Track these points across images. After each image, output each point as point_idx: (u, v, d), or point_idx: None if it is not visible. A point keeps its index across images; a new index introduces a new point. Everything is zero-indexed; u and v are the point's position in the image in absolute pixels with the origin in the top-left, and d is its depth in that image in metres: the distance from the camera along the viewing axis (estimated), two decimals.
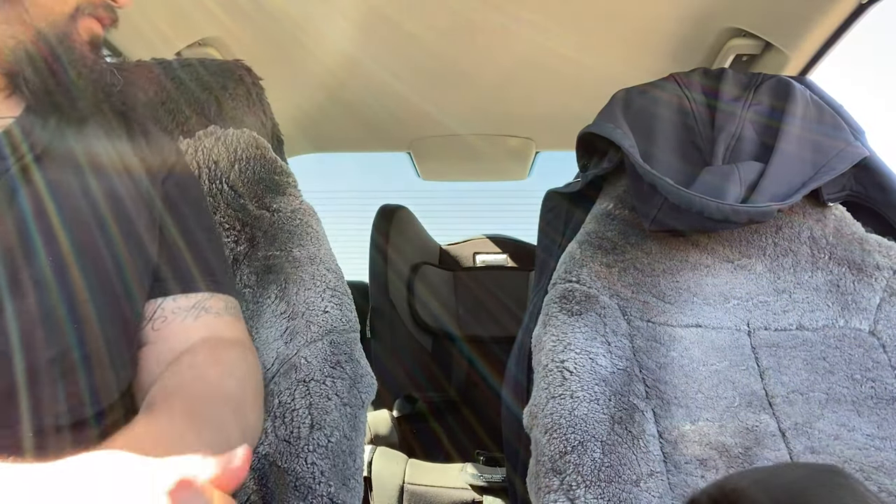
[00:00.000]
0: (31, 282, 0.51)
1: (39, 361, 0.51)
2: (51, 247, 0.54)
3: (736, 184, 0.82)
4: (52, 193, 0.56)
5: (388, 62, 1.51)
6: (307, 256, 0.78)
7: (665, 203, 0.81)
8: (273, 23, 1.30)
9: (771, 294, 0.87)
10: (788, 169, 0.84)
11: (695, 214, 0.78)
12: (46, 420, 0.51)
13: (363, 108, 1.77)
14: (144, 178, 0.65)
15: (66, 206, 0.56)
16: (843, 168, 0.85)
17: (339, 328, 0.74)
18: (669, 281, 0.87)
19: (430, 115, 1.82)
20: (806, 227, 0.89)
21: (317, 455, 0.64)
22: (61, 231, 0.55)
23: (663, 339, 0.83)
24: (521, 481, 0.80)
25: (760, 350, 0.84)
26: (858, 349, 0.84)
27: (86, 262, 0.55)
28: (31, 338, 0.50)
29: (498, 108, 1.81)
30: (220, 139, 0.81)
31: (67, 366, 0.52)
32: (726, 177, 0.83)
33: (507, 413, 0.89)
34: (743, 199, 0.81)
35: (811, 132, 0.87)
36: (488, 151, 2.07)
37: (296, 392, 0.68)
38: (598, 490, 0.68)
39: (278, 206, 0.82)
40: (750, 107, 0.92)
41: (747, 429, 0.78)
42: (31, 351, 0.50)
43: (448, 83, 1.64)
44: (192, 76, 0.85)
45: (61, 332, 0.52)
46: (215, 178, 0.80)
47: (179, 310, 0.62)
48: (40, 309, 0.51)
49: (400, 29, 1.35)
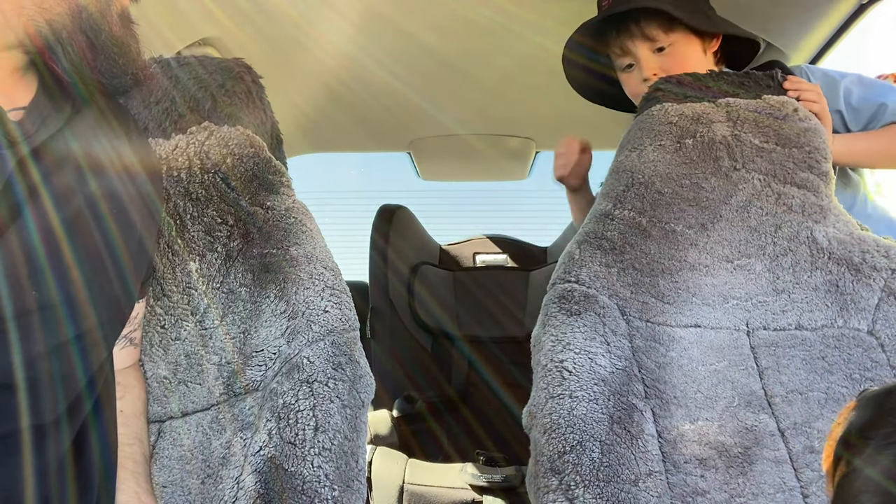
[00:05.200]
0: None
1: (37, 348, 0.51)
2: (46, 234, 0.54)
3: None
4: (50, 189, 0.56)
5: (388, 62, 1.51)
6: (304, 255, 0.78)
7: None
8: (273, 23, 1.30)
9: (770, 294, 0.87)
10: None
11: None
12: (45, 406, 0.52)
13: (363, 108, 1.78)
14: (143, 175, 0.66)
15: (64, 206, 0.57)
16: None
17: (339, 328, 0.74)
18: (668, 281, 0.87)
19: (430, 115, 1.82)
20: (805, 226, 0.89)
21: (322, 458, 0.64)
22: (61, 232, 0.55)
23: (662, 339, 0.83)
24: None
25: (759, 350, 0.84)
26: (857, 349, 0.84)
27: (81, 250, 0.56)
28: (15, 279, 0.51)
29: (498, 108, 1.81)
30: (214, 133, 0.81)
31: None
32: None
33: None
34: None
35: None
36: (488, 151, 2.07)
37: (299, 393, 0.68)
38: (596, 490, 0.68)
39: (272, 203, 0.82)
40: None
41: (746, 428, 0.78)
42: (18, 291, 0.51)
43: (448, 83, 1.64)
44: (190, 74, 0.85)
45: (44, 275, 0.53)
46: (207, 169, 0.80)
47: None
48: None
49: (400, 29, 1.36)
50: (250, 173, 0.82)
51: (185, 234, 0.79)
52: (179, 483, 0.71)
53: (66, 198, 0.57)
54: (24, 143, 0.55)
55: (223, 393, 0.75)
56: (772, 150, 0.91)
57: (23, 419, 0.52)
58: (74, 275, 0.55)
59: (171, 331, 0.78)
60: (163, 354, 0.78)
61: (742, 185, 0.90)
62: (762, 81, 0.98)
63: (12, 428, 0.51)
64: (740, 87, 0.97)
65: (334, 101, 1.73)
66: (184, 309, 0.78)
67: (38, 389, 0.53)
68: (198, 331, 0.77)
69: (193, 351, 0.77)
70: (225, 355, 0.76)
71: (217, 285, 0.78)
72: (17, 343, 0.50)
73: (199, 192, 0.80)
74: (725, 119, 0.92)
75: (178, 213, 0.80)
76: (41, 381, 0.53)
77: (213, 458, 0.71)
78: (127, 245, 0.62)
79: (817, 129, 0.92)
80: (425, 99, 1.72)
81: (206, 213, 0.80)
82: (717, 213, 0.89)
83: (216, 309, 0.77)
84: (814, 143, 0.92)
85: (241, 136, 0.83)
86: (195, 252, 0.79)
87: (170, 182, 0.80)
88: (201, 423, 0.74)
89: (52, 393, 0.54)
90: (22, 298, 0.51)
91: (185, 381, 0.76)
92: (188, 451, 0.73)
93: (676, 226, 0.89)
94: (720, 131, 0.92)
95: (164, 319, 0.78)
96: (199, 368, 0.76)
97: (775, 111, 0.93)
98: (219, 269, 0.79)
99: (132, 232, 0.64)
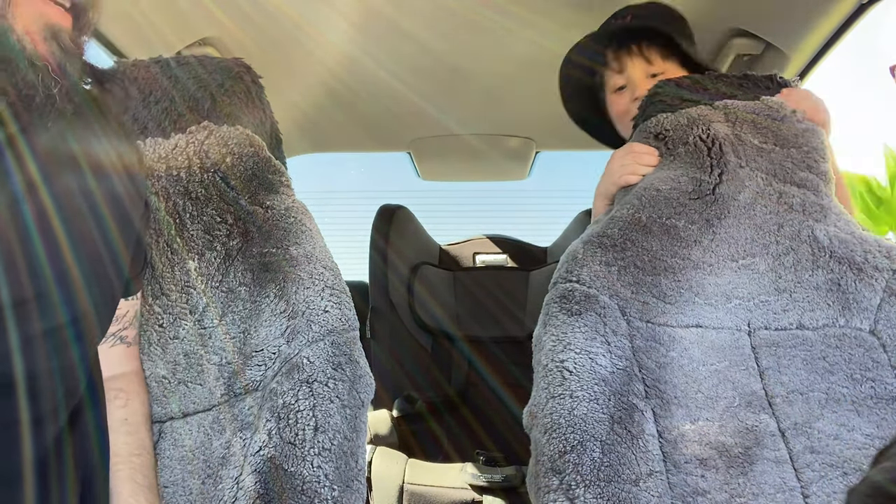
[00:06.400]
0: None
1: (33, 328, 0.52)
2: (41, 221, 0.54)
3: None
4: (40, 169, 0.56)
5: (388, 62, 1.51)
6: (304, 254, 0.78)
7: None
8: (273, 23, 1.30)
9: (772, 293, 0.87)
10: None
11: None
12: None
13: (363, 108, 1.78)
14: (134, 169, 0.66)
15: (55, 182, 0.57)
16: None
17: (339, 328, 0.74)
18: (671, 280, 0.87)
19: (430, 115, 1.82)
20: (806, 225, 0.89)
21: (321, 458, 0.64)
22: (52, 208, 0.56)
23: (663, 340, 0.83)
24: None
25: (760, 350, 0.84)
26: (858, 349, 0.84)
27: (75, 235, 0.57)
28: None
29: (498, 108, 1.81)
30: (213, 133, 0.82)
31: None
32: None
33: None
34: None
35: None
36: (488, 151, 2.07)
37: (299, 393, 0.68)
38: (597, 490, 0.68)
39: (272, 203, 0.82)
40: None
41: (747, 428, 0.78)
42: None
43: (448, 83, 1.64)
44: (189, 74, 0.86)
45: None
46: (207, 168, 0.80)
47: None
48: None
49: (400, 29, 1.36)
50: (250, 172, 0.82)
51: (184, 232, 0.79)
52: (181, 483, 0.71)
53: (57, 183, 0.58)
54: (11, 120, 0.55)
55: (224, 394, 0.74)
56: (771, 150, 0.91)
57: (22, 410, 0.53)
58: (68, 258, 0.56)
59: (170, 329, 0.78)
60: (161, 353, 0.78)
61: (748, 183, 0.90)
62: (760, 83, 0.98)
63: (11, 418, 0.52)
64: (738, 88, 0.97)
65: (334, 100, 1.73)
66: (182, 308, 0.78)
67: (37, 381, 0.53)
68: (196, 330, 0.77)
69: (192, 350, 0.77)
70: (225, 355, 0.76)
71: (216, 284, 0.78)
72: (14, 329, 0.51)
73: (199, 191, 0.80)
74: (724, 120, 0.93)
75: (178, 212, 0.80)
76: (40, 374, 0.53)
77: (213, 459, 0.71)
78: (118, 225, 0.63)
79: (815, 129, 0.93)
80: (425, 99, 1.72)
81: (206, 212, 0.80)
82: (724, 210, 0.89)
83: (215, 308, 0.77)
84: (812, 144, 0.92)
85: (240, 135, 0.83)
86: (194, 251, 0.79)
87: (169, 181, 0.80)
88: (202, 424, 0.74)
89: (50, 382, 0.55)
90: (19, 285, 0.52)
91: (185, 381, 0.76)
92: (189, 451, 0.73)
93: (678, 221, 0.89)
94: (721, 130, 0.92)
95: (162, 318, 0.78)
96: (199, 369, 0.76)
97: (773, 112, 0.93)
98: (218, 267, 0.78)
99: (120, 212, 0.65)
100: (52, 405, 0.56)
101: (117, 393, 0.72)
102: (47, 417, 0.56)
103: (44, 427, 0.56)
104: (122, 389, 0.73)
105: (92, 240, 0.60)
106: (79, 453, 0.61)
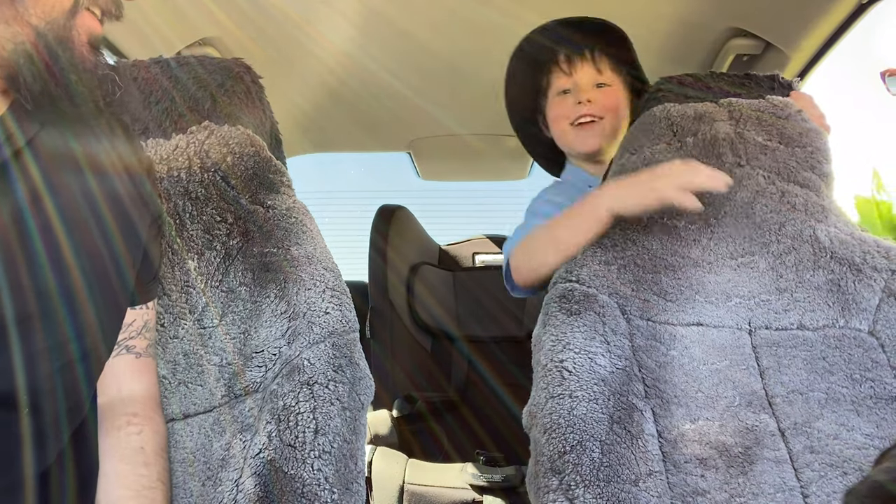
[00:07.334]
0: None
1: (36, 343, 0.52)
2: (46, 234, 0.54)
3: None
4: (45, 180, 0.56)
5: (388, 62, 1.51)
6: (305, 255, 0.78)
7: None
8: (273, 23, 1.30)
9: (773, 293, 0.87)
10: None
11: None
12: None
13: (363, 108, 1.78)
14: (141, 177, 0.66)
15: (60, 194, 0.57)
16: None
17: (339, 330, 0.73)
18: (671, 278, 0.87)
19: (430, 114, 1.82)
20: (808, 225, 0.89)
21: (322, 461, 0.64)
22: (56, 218, 0.55)
23: (663, 338, 0.83)
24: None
25: (761, 349, 0.84)
26: (858, 349, 0.84)
27: (81, 249, 0.57)
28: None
29: (498, 108, 1.80)
30: (214, 133, 0.82)
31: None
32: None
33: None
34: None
35: None
36: (488, 151, 2.07)
37: (299, 395, 0.67)
38: (596, 490, 0.68)
39: (272, 202, 0.82)
40: None
41: (747, 428, 0.78)
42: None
43: (448, 83, 1.64)
44: (190, 74, 0.86)
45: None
46: (207, 168, 0.80)
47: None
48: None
49: (399, 29, 1.36)
50: (250, 172, 0.82)
51: (183, 232, 0.79)
52: (181, 485, 0.71)
53: (62, 194, 0.57)
54: (17, 132, 0.55)
55: (224, 395, 0.74)
56: (775, 147, 0.91)
57: (24, 426, 0.52)
58: (73, 272, 0.56)
59: (170, 329, 0.78)
60: (161, 353, 0.78)
61: (746, 182, 0.90)
62: (764, 83, 0.98)
63: (14, 433, 0.52)
64: (742, 87, 0.97)
65: (334, 100, 1.73)
66: (182, 307, 0.78)
67: (40, 397, 0.53)
68: (196, 329, 0.77)
69: (192, 350, 0.77)
70: (225, 356, 0.75)
71: (216, 284, 0.78)
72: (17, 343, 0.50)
73: (199, 191, 0.80)
74: (728, 118, 0.93)
75: (178, 212, 0.80)
76: (43, 389, 0.53)
77: (213, 461, 0.71)
78: (123, 237, 0.62)
79: (819, 130, 0.93)
80: (425, 99, 1.72)
81: (205, 212, 0.80)
82: (720, 210, 0.89)
83: (215, 308, 0.77)
84: (815, 144, 0.92)
85: (241, 135, 0.83)
86: (194, 250, 0.79)
87: (170, 182, 0.80)
88: (203, 426, 0.74)
89: (53, 399, 0.55)
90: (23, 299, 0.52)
91: (185, 381, 0.76)
92: (190, 453, 0.73)
93: (678, 221, 0.89)
94: (723, 129, 0.92)
95: (162, 318, 0.78)
96: (199, 369, 0.76)
97: (778, 110, 0.93)
98: (217, 267, 0.78)
99: (125, 222, 0.65)
100: (55, 421, 0.55)
101: (130, 418, 0.67)
102: (50, 433, 0.55)
103: (46, 443, 0.55)
104: (136, 414, 0.67)
105: (97, 252, 0.59)
106: (81, 469, 0.60)
